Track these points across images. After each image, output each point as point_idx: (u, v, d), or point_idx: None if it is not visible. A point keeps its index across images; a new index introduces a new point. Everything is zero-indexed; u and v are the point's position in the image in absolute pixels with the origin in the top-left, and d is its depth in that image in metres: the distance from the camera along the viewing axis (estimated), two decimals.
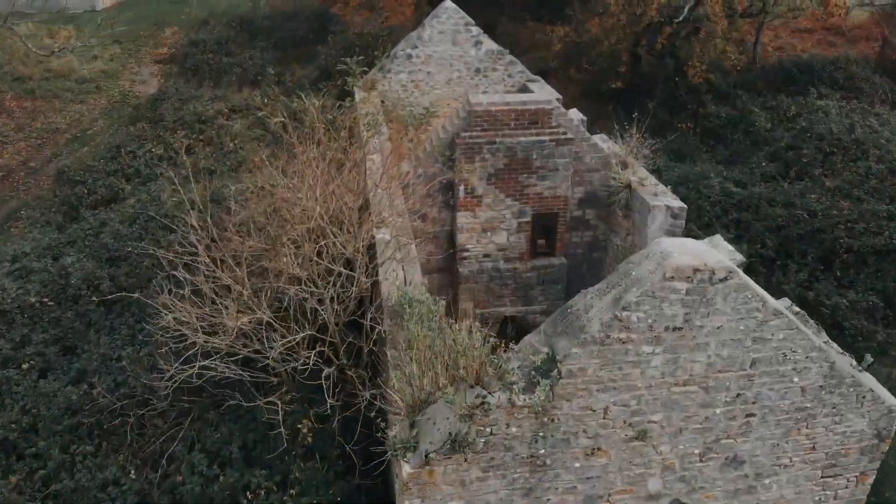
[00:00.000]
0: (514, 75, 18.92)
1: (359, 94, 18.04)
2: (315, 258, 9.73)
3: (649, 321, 6.86)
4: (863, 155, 19.96)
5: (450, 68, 18.61)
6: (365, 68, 18.35)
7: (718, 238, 11.56)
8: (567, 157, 13.43)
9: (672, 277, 6.70)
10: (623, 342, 6.91)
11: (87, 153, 21.02)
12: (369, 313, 9.22)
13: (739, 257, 11.14)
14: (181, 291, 9.65)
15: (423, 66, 18.52)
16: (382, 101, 18.75)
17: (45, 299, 13.12)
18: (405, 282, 10.01)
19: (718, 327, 7.08)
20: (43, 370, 11.78)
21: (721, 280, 6.82)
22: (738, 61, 24.47)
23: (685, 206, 12.74)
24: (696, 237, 16.81)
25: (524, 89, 18.78)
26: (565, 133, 13.33)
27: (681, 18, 21.05)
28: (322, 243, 9.96)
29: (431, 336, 7.99)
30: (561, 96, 17.90)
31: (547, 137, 13.25)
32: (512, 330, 14.35)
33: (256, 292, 9.94)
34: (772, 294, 16.90)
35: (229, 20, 28.89)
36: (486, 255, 13.99)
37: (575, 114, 16.53)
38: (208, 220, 10.21)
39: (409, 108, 18.94)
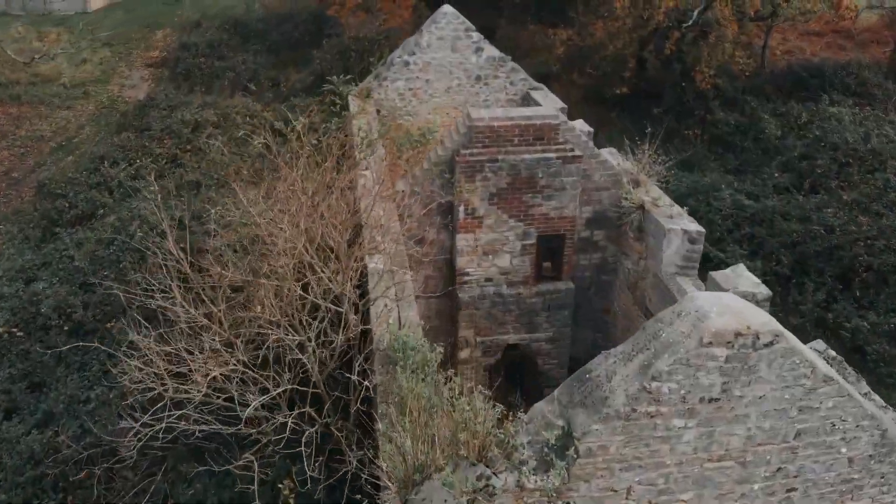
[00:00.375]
0: (517, 83, 17.83)
1: (354, 104, 16.94)
2: (297, 298, 8.67)
3: (682, 392, 5.80)
4: (880, 166, 18.89)
5: (449, 76, 17.52)
6: (353, 86, 17.28)
7: (742, 268, 10.51)
8: (575, 175, 12.34)
9: (710, 343, 5.63)
10: (651, 416, 5.85)
11: (71, 163, 19.92)
12: (358, 361, 8.14)
13: (765, 291, 10.10)
14: (151, 332, 8.58)
15: (421, 74, 17.42)
16: (378, 111, 17.66)
17: (15, 329, 12.09)
18: (399, 323, 8.95)
19: (760, 397, 6.01)
20: (8, 410, 10.77)
21: (766, 345, 5.75)
22: (747, 66, 23.36)
23: (703, 230, 11.67)
24: (708, 255, 15.83)
25: (527, 97, 17.72)
26: (573, 150, 12.25)
27: (690, 23, 19.94)
28: (305, 280, 8.91)
29: (427, 396, 6.94)
30: (566, 106, 16.86)
31: (553, 155, 12.16)
32: (516, 361, 13.32)
33: (235, 327, 8.88)
34: (788, 314, 15.90)
35: (222, 23, 27.74)
36: (487, 280, 12.91)
37: (581, 125, 15.47)
38: (180, 250, 9.16)
39: (407, 117, 17.91)
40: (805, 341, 15.89)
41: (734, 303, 5.90)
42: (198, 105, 20.76)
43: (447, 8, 16.95)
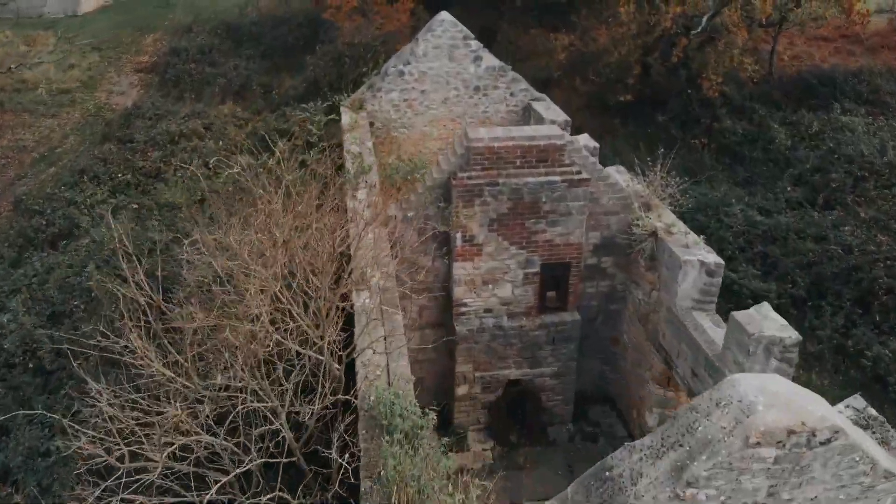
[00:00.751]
0: (517, 93, 16.77)
1: (346, 116, 15.90)
2: (273, 345, 7.61)
3: (722, 499, 4.75)
4: None
5: (446, 86, 16.46)
6: (345, 97, 16.21)
7: (767, 308, 9.44)
8: (582, 199, 11.28)
9: (758, 443, 4.58)
10: None
11: (52, 176, 18.85)
12: (339, 427, 7.09)
13: (794, 335, 9.04)
14: (106, 389, 7.51)
15: (416, 84, 16.36)
16: (372, 123, 16.61)
17: None
18: (388, 377, 7.91)
19: (812, 499, 4.97)
20: None
21: (823, 443, 4.71)
22: (756, 73, 22.25)
23: (721, 261, 10.62)
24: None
25: (528, 109, 16.66)
26: (579, 172, 11.19)
27: (699, 30, 18.85)
28: (282, 325, 7.87)
29: (416, 477, 5.90)
30: (569, 119, 15.81)
31: (558, 178, 11.10)
32: (517, 397, 12.27)
33: (204, 378, 7.83)
34: (805, 340, 14.79)
35: (214, 26, 26.62)
36: (487, 311, 11.86)
37: (585, 140, 14.39)
38: (148, 284, 8.12)
39: (402, 130, 16.84)
40: (822, 369, 14.71)
41: (783, 389, 4.84)
42: (184, 114, 19.69)
43: (444, 15, 15.88)
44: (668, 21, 19.06)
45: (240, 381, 6.81)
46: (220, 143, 17.90)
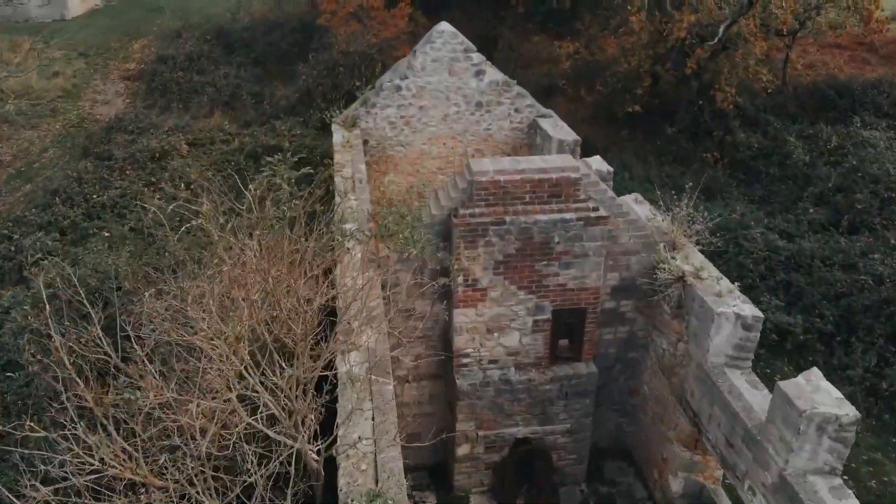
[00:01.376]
0: (523, 109, 15.27)
1: (338, 134, 14.39)
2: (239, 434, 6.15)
3: None
4: None
5: (446, 102, 14.96)
6: (337, 113, 14.71)
7: (818, 376, 7.94)
8: (599, 239, 9.79)
9: None
10: None
11: (27, 195, 17.30)
12: None
13: (852, 412, 7.53)
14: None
15: (414, 100, 14.86)
16: (366, 142, 15.13)
17: None
18: (376, 472, 6.43)
19: None
20: None
21: None
22: (770, 83, 20.72)
23: (760, 314, 9.13)
24: None
25: (534, 126, 15.17)
26: (597, 209, 9.69)
27: (716, 40, 17.33)
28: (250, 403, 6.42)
29: None
30: (579, 138, 14.33)
31: (573, 215, 9.61)
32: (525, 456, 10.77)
33: (158, 473, 6.36)
34: (834, 381, 13.35)
35: (204, 32, 25.01)
36: (492, 362, 10.38)
37: (598, 163, 12.92)
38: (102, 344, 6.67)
39: (399, 148, 15.35)
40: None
41: None
42: (167, 128, 18.18)
43: (444, 26, 14.36)
44: (682, 31, 17.52)
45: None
46: (200, 162, 16.45)
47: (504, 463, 10.68)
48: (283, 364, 6.53)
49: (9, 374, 9.79)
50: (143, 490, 6.22)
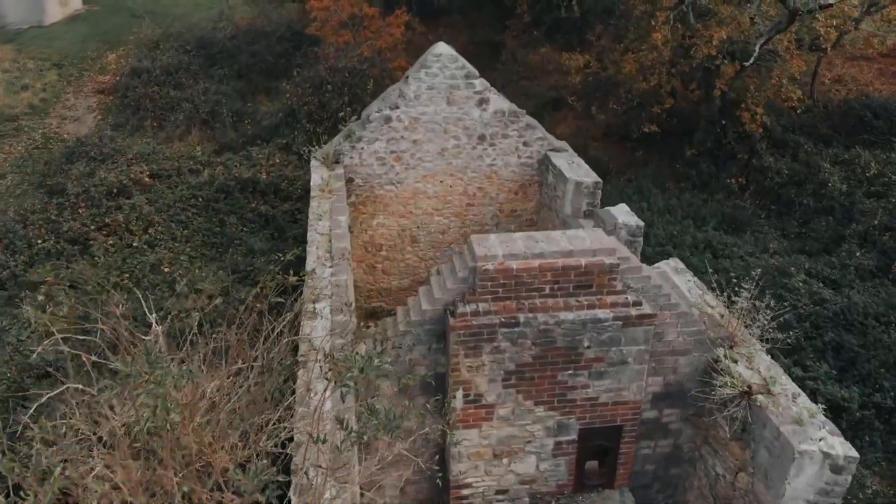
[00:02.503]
0: (532, 143, 12.68)
1: (316, 174, 11.80)
2: None
3: None
4: None
5: (444, 135, 12.36)
6: (316, 148, 12.14)
7: None
8: (642, 343, 7.23)
9: None
10: None
11: None
12: None
13: None
14: None
15: (406, 133, 12.26)
16: (351, 180, 12.56)
17: None
18: None
19: None
20: None
21: None
22: (801, 102, 18.08)
23: (855, 454, 6.60)
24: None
25: (545, 161, 12.59)
26: (639, 304, 7.12)
27: (752, 60, 14.67)
28: None
29: None
30: (600, 180, 11.74)
31: (608, 313, 7.04)
32: None
33: None
34: None
35: (184, 42, 22.29)
36: (500, 493, 7.82)
37: (625, 215, 10.46)
38: None
39: (389, 187, 12.77)
40: None
41: None
42: (132, 156, 15.55)
43: (442, 48, 11.72)
44: (712, 48, 14.86)
45: None
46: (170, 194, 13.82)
47: None
48: None
49: None
50: None
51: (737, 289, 7.99)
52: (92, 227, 13.07)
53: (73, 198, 14.05)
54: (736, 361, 7.55)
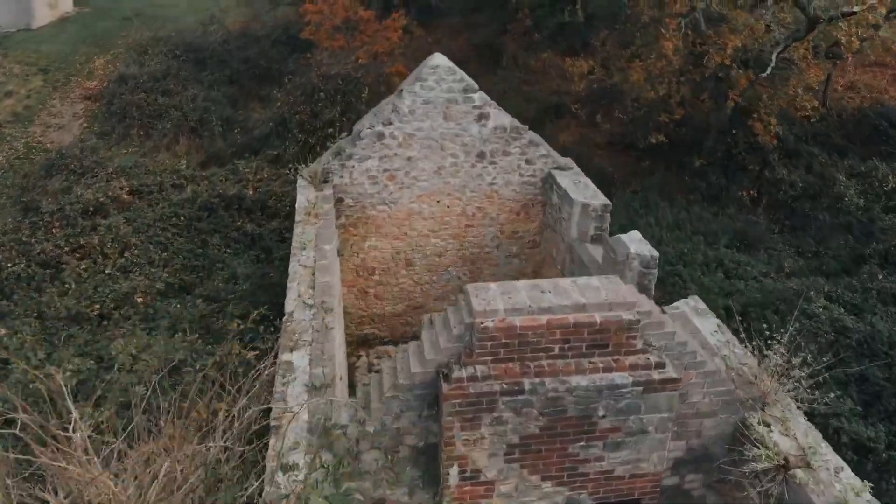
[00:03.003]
0: (535, 160, 11.62)
1: (302, 196, 10.75)
2: None
3: None
4: None
5: (441, 152, 11.31)
6: (303, 166, 11.10)
7: None
8: (665, 410, 6.19)
9: None
10: None
11: None
12: None
13: None
14: None
15: (400, 150, 11.21)
16: (341, 200, 11.50)
17: None
18: None
19: None
20: None
21: None
22: (815, 111, 17.03)
23: None
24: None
25: (549, 180, 11.54)
26: (663, 365, 6.08)
27: (769, 70, 13.61)
28: None
29: None
30: (609, 203, 10.69)
31: (627, 377, 6.00)
32: None
33: None
34: None
35: (173, 46, 21.22)
36: None
37: (638, 244, 9.38)
38: None
39: (382, 207, 11.73)
40: None
41: None
42: (112, 170, 14.52)
43: (439, 59, 10.66)
44: (726, 57, 13.78)
45: None
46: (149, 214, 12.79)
47: None
48: None
49: None
50: None
51: (769, 341, 6.93)
52: (65, 249, 12.04)
53: (47, 216, 13.02)
54: (769, 426, 6.51)
